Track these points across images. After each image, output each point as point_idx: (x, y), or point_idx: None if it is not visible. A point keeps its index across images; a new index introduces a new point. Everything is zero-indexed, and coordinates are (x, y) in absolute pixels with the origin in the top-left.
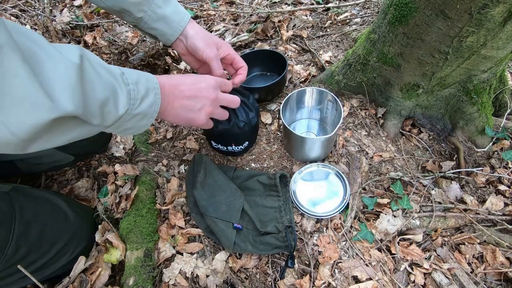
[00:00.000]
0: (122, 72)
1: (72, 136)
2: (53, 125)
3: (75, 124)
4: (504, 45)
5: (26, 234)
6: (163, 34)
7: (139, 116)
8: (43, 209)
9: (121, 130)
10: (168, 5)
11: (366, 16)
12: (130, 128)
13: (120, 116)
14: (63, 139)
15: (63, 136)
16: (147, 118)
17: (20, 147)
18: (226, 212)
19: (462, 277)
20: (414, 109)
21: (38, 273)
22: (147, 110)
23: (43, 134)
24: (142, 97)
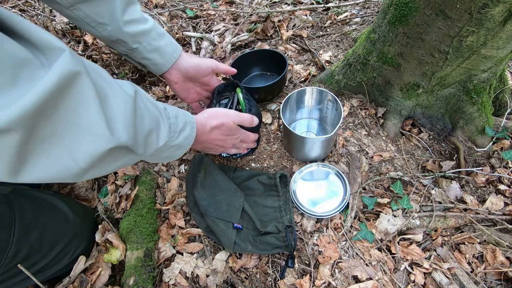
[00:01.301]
0: (164, 107)
1: (118, 165)
2: (107, 155)
3: (123, 154)
4: (504, 45)
5: (26, 236)
6: (155, 64)
7: (175, 147)
8: (43, 210)
9: (156, 158)
10: (163, 39)
11: (366, 16)
12: (165, 157)
13: (159, 147)
14: (111, 168)
15: (111, 165)
16: (181, 149)
17: (78, 176)
18: (226, 212)
19: (462, 277)
20: (414, 108)
21: (39, 275)
22: (183, 142)
23: (97, 164)
24: (180, 130)
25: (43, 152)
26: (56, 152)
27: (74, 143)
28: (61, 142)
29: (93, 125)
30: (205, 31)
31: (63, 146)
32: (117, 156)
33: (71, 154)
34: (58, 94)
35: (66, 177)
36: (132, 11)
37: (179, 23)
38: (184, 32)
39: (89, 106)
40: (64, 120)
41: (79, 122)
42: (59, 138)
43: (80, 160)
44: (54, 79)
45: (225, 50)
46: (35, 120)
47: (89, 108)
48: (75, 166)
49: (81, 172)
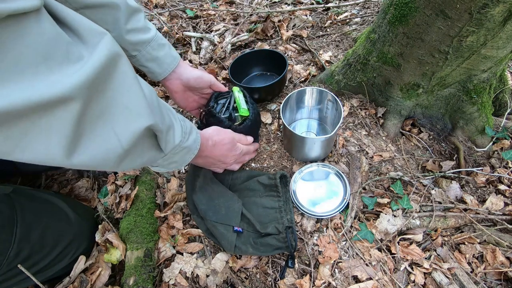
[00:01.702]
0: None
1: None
2: (143, 136)
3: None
4: (504, 45)
5: (27, 236)
6: (152, 72)
7: (185, 150)
8: (45, 211)
9: (168, 163)
10: (163, 50)
11: (366, 16)
12: (176, 161)
13: (176, 145)
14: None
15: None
16: (190, 153)
17: (119, 159)
18: (225, 215)
19: (462, 277)
20: (414, 108)
21: (40, 275)
22: (192, 145)
23: (134, 148)
24: (189, 132)
25: (95, 129)
26: (104, 131)
27: (119, 121)
28: (109, 120)
29: (135, 103)
30: (205, 31)
31: (110, 124)
32: (147, 143)
33: (116, 133)
34: (107, 71)
35: (109, 160)
36: (136, 20)
37: (179, 23)
38: (184, 32)
39: (131, 86)
40: (111, 98)
41: (123, 100)
42: (108, 116)
43: (123, 139)
44: (102, 57)
45: (225, 50)
46: (91, 93)
47: (130, 88)
48: (119, 146)
49: (122, 155)
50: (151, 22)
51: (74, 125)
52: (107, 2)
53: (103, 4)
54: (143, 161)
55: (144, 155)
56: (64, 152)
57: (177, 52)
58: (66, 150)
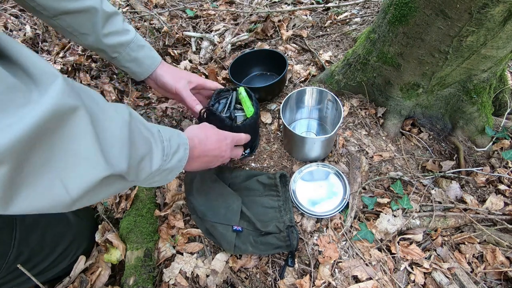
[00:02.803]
0: (158, 130)
1: (109, 193)
2: (100, 184)
3: (115, 182)
4: (504, 45)
5: (27, 239)
6: (133, 73)
7: (167, 171)
8: (44, 213)
9: (147, 183)
10: (142, 50)
11: (366, 16)
12: (157, 181)
13: (152, 172)
14: (102, 196)
15: (102, 194)
16: (173, 172)
17: (68, 207)
18: (224, 215)
19: (462, 277)
20: (414, 108)
21: (40, 276)
22: (176, 165)
23: (90, 193)
24: (173, 153)
25: (34, 183)
26: (47, 182)
27: (67, 172)
28: (53, 172)
29: (87, 154)
30: (205, 31)
31: (55, 175)
32: (109, 184)
33: (63, 183)
34: (53, 124)
35: (56, 208)
36: (113, 24)
37: (179, 23)
38: (184, 32)
39: (84, 137)
40: (57, 149)
41: (73, 151)
42: (51, 168)
43: (72, 191)
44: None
45: (225, 50)
46: (27, 151)
47: (84, 139)
48: (67, 197)
49: (71, 203)
50: (151, 22)
51: (4, 185)
52: (84, 8)
53: (80, 9)
54: (107, 195)
55: (108, 191)
56: None
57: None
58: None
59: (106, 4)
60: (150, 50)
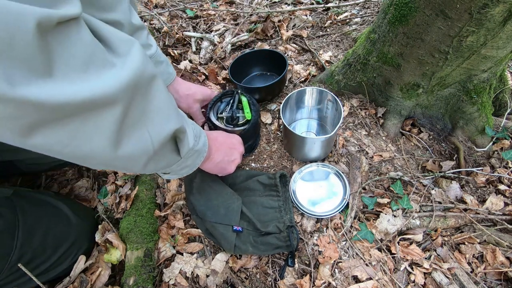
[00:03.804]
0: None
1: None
2: (169, 141)
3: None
4: (504, 45)
5: (29, 240)
6: None
7: (197, 153)
8: (46, 214)
9: (181, 168)
10: (160, 66)
11: (366, 16)
12: (188, 165)
13: (190, 148)
14: (160, 165)
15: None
16: (200, 156)
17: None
18: (225, 215)
19: (462, 277)
20: (414, 109)
21: (42, 277)
22: (202, 148)
23: (161, 151)
24: (199, 135)
25: (133, 130)
26: (141, 132)
27: (153, 123)
28: (145, 122)
29: (166, 108)
30: (205, 31)
31: (146, 126)
32: (170, 147)
33: (150, 135)
34: (142, 76)
35: (141, 159)
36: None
37: (179, 23)
38: (184, 32)
39: (162, 91)
40: (148, 101)
41: (157, 104)
42: (144, 118)
43: (155, 140)
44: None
45: (225, 50)
46: (131, 96)
47: (162, 93)
48: (150, 147)
49: (151, 156)
50: (151, 22)
51: (117, 126)
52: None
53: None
54: (163, 164)
55: (166, 158)
56: (110, 148)
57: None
58: (112, 146)
59: (135, 18)
60: (167, 66)
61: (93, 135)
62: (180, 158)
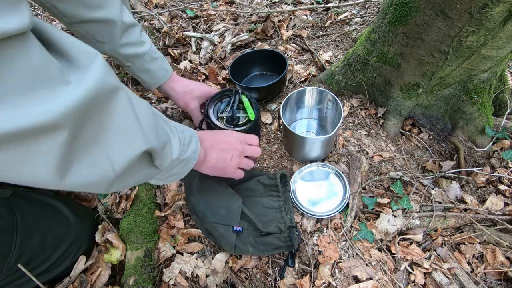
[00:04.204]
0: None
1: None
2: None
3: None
4: (504, 45)
5: (28, 240)
6: (144, 82)
7: (184, 162)
8: (45, 214)
9: (167, 176)
10: (155, 62)
11: (366, 16)
12: (175, 173)
13: (173, 160)
14: (132, 181)
15: (133, 177)
16: (189, 164)
17: (110, 184)
18: (225, 216)
19: (462, 277)
20: (414, 109)
21: (42, 277)
22: (191, 156)
23: (127, 171)
24: (188, 143)
25: (85, 154)
26: (96, 156)
27: (113, 146)
28: (101, 145)
29: (129, 129)
30: (205, 31)
31: (102, 149)
32: (141, 165)
33: (108, 158)
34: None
35: (101, 184)
36: (130, 35)
37: (179, 23)
38: (184, 32)
39: (126, 113)
40: (104, 123)
41: (117, 126)
42: (100, 141)
43: (116, 164)
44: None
45: (225, 50)
46: (81, 118)
47: (126, 114)
48: (111, 171)
49: (113, 180)
50: (151, 22)
51: (63, 151)
52: (103, 18)
53: (99, 19)
54: (135, 181)
55: (137, 176)
56: (55, 176)
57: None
58: (57, 174)
59: (126, 15)
60: (162, 62)
61: (34, 162)
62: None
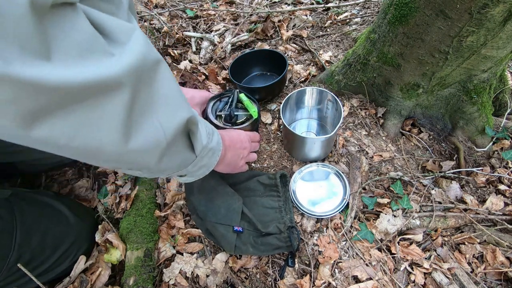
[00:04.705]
0: None
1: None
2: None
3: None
4: (504, 45)
5: (28, 241)
6: None
7: (211, 152)
8: (44, 215)
9: (198, 168)
10: None
11: (366, 16)
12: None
13: (204, 146)
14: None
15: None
16: (215, 155)
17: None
18: (225, 215)
19: (462, 277)
20: (414, 109)
21: (42, 277)
22: (216, 147)
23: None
24: (212, 133)
25: (142, 119)
26: (151, 120)
27: (164, 111)
28: (154, 110)
29: (175, 96)
30: (205, 31)
31: (156, 114)
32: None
33: (161, 124)
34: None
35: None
36: None
37: (179, 23)
38: (184, 32)
39: (170, 78)
40: (154, 89)
41: (165, 92)
42: (153, 106)
43: (167, 130)
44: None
45: (225, 50)
46: (137, 81)
47: (170, 80)
48: (163, 138)
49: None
50: (151, 22)
51: (127, 112)
52: None
53: None
54: (178, 161)
55: (180, 155)
56: (120, 139)
57: None
58: (122, 137)
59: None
60: None
61: (101, 124)
62: (195, 156)
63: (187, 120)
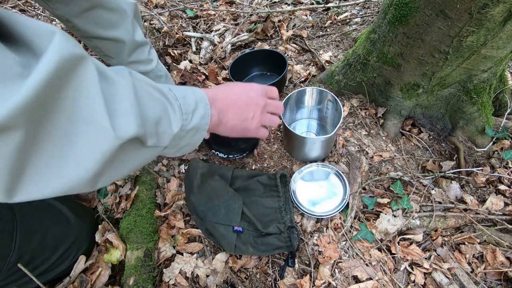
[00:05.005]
0: (169, 89)
1: (137, 163)
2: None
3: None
4: (504, 45)
5: (28, 241)
6: None
7: (192, 131)
8: (44, 214)
9: (177, 149)
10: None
11: (366, 16)
12: (185, 145)
13: (175, 134)
14: (129, 167)
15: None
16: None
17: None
18: (225, 215)
19: (462, 277)
20: (414, 109)
21: (42, 277)
22: (199, 123)
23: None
24: (193, 111)
25: (46, 157)
26: (60, 156)
27: (79, 141)
28: (65, 143)
29: (97, 118)
30: (205, 31)
31: (67, 147)
32: (131, 152)
33: (76, 158)
34: (59, 81)
35: (77, 187)
36: (138, 54)
37: (179, 23)
38: (184, 32)
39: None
40: (65, 114)
41: (83, 116)
42: (62, 138)
43: (88, 164)
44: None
45: (225, 50)
46: (37, 115)
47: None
48: (84, 172)
49: (93, 179)
50: (151, 22)
51: (16, 158)
52: (113, 37)
53: (110, 38)
54: (136, 163)
55: (134, 160)
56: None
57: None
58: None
59: (138, 34)
60: (166, 79)
61: None
62: (162, 147)
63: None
